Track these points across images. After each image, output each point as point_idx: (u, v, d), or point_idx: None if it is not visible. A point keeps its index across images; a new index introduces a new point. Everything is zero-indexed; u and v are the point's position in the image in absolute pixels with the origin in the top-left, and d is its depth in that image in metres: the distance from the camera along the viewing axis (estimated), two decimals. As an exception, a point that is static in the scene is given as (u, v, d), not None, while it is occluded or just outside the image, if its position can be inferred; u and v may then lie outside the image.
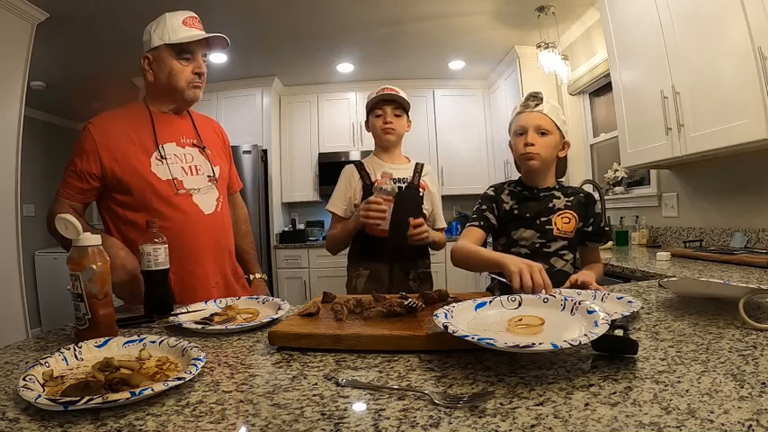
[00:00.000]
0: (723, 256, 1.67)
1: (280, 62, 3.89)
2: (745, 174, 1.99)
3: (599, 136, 3.33)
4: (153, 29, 1.24)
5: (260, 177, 4.00)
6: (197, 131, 1.36)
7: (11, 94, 2.49)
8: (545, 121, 1.32)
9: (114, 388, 0.54)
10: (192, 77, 1.26)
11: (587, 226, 1.38)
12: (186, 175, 1.26)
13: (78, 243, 0.80)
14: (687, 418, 0.44)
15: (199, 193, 1.28)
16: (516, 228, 1.36)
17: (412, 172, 1.73)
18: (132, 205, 1.21)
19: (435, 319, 0.69)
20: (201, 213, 1.27)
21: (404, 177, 1.70)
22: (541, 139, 1.32)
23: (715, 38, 1.69)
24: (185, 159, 1.28)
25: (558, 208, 1.36)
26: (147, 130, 1.24)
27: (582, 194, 1.41)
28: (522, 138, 1.33)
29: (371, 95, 1.73)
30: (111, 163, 1.18)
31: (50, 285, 4.09)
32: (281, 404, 0.52)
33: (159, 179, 1.21)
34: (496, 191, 1.43)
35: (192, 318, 0.93)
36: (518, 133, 1.35)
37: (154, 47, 1.23)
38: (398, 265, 1.65)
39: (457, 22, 3.25)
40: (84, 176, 1.18)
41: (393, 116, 1.69)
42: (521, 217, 1.36)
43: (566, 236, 1.34)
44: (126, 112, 1.28)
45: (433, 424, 0.46)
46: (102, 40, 3.14)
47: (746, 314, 0.74)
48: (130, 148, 1.21)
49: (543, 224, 1.34)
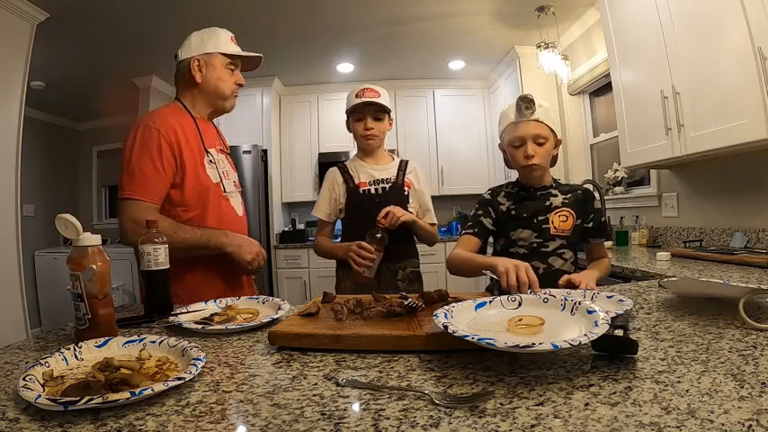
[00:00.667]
0: (723, 256, 1.67)
1: (280, 62, 3.89)
2: (745, 174, 1.99)
3: (599, 136, 3.33)
4: (206, 36, 1.32)
5: (260, 177, 4.00)
6: (221, 137, 1.44)
7: (11, 94, 2.49)
8: (542, 129, 1.31)
9: (114, 388, 0.54)
10: (234, 87, 1.36)
11: (587, 222, 1.37)
12: (223, 179, 1.34)
13: (78, 243, 0.80)
14: (687, 418, 0.44)
15: (232, 197, 1.37)
16: (514, 228, 1.36)
17: (396, 171, 1.70)
18: (187, 204, 1.24)
19: (435, 319, 0.69)
20: (237, 215, 1.37)
21: (388, 177, 1.68)
22: (540, 149, 1.32)
23: (715, 38, 1.69)
24: (221, 164, 1.35)
25: (556, 206, 1.35)
26: (195, 133, 1.29)
27: (580, 191, 1.40)
28: (520, 150, 1.32)
29: (351, 97, 1.70)
30: (180, 162, 1.22)
31: (50, 285, 4.09)
32: (281, 404, 0.52)
33: (211, 181, 1.29)
34: (493, 194, 1.43)
35: (192, 318, 0.93)
36: (515, 145, 1.34)
37: (207, 52, 1.30)
38: (387, 266, 1.61)
39: (457, 22, 3.25)
40: (167, 175, 1.20)
41: (374, 120, 1.66)
42: (518, 217, 1.36)
43: (563, 234, 1.34)
44: (174, 114, 1.30)
45: (433, 424, 0.46)
46: (102, 40, 3.14)
47: (746, 314, 0.74)
48: (188, 148, 1.25)
49: (540, 223, 1.34)
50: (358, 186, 1.67)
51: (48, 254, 4.22)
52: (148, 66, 3.74)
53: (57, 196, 4.62)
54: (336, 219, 1.74)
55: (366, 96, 1.64)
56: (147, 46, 3.31)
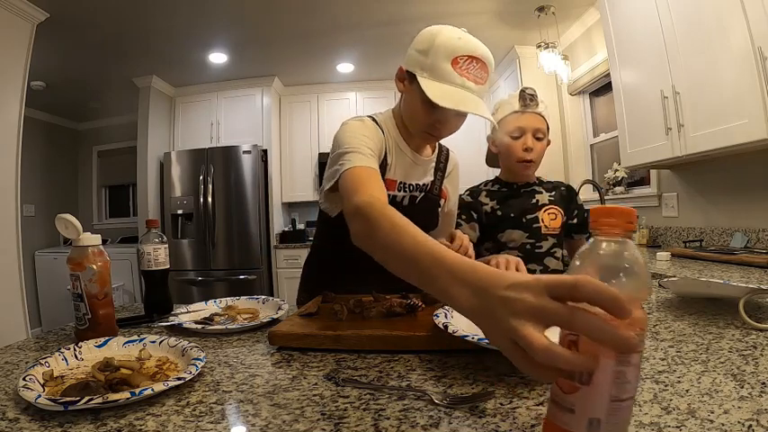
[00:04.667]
0: (723, 256, 1.67)
1: (280, 62, 3.89)
2: (745, 174, 1.99)
3: (599, 136, 3.33)
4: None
5: (260, 177, 4.01)
6: None
7: (11, 94, 2.49)
8: (542, 124, 1.27)
9: (114, 388, 0.54)
10: None
11: (571, 219, 1.34)
12: None
13: (78, 243, 0.80)
14: (687, 418, 0.44)
15: None
16: (502, 230, 1.28)
17: (433, 170, 1.15)
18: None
19: (435, 319, 0.69)
20: None
21: (424, 183, 1.12)
22: (538, 144, 1.27)
23: (715, 38, 1.69)
24: None
25: (543, 204, 1.30)
26: None
27: (563, 188, 1.36)
28: (519, 141, 1.26)
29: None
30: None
31: (50, 285, 4.09)
32: (281, 404, 0.52)
33: None
34: (472, 194, 1.35)
35: (192, 318, 0.93)
36: (514, 136, 1.26)
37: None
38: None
39: (457, 22, 3.19)
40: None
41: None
42: (505, 217, 1.28)
43: (554, 233, 1.29)
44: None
45: (433, 424, 0.46)
46: (102, 40, 3.14)
47: (746, 314, 0.74)
48: None
49: (530, 222, 1.27)
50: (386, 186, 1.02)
51: (48, 254, 4.22)
52: (148, 66, 3.74)
53: (57, 196, 4.63)
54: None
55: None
56: (146, 46, 3.31)
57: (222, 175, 3.94)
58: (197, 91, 4.28)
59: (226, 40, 3.41)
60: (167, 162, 4.00)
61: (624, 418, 0.37)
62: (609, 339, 0.34)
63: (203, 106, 4.30)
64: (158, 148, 4.10)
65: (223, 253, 3.94)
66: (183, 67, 3.83)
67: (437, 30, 0.96)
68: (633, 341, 0.34)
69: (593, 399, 0.36)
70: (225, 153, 3.97)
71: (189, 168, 3.97)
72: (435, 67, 0.92)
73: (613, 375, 0.36)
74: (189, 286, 3.95)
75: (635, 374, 0.37)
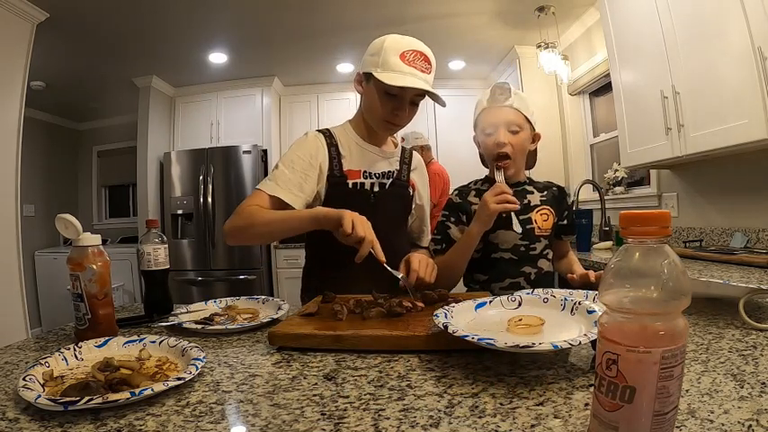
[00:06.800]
0: (723, 256, 1.67)
1: (280, 62, 3.89)
2: (745, 174, 1.99)
3: (599, 136, 3.33)
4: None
5: (260, 177, 3.99)
6: None
7: (11, 94, 2.49)
8: (516, 117, 1.21)
9: (114, 388, 0.54)
10: None
11: (562, 219, 1.32)
12: None
13: (78, 243, 0.80)
14: (687, 418, 0.44)
15: None
16: (493, 231, 1.21)
17: (399, 161, 1.28)
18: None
19: (435, 319, 0.69)
20: None
21: (389, 170, 1.24)
22: (514, 138, 1.21)
23: (715, 38, 1.69)
24: None
25: (535, 204, 1.27)
26: None
27: (555, 188, 1.34)
28: (492, 137, 1.21)
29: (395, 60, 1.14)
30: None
31: (50, 285, 4.09)
32: (281, 404, 0.52)
33: None
34: (461, 194, 1.31)
35: (191, 318, 0.93)
36: (487, 133, 1.23)
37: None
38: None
39: (457, 22, 3.25)
40: None
41: (411, 105, 1.18)
42: (497, 218, 1.20)
43: (546, 234, 1.27)
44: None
45: (432, 424, 0.46)
46: (102, 40, 3.14)
47: (746, 314, 0.74)
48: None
49: (523, 223, 1.23)
50: (346, 176, 1.18)
51: (48, 254, 4.22)
52: (148, 66, 3.74)
53: (57, 196, 4.62)
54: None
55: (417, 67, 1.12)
56: (146, 46, 3.31)
57: (222, 175, 3.94)
58: (197, 91, 4.28)
59: (226, 40, 3.41)
60: (167, 162, 4.00)
61: (668, 429, 0.37)
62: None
63: (203, 106, 4.30)
64: (158, 148, 4.10)
65: (223, 253, 3.94)
66: (183, 67, 3.83)
67: (384, 37, 1.14)
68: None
69: (637, 417, 0.36)
70: (225, 153, 3.97)
71: (189, 168, 3.97)
72: (386, 62, 1.10)
73: (656, 391, 0.35)
74: (189, 286, 3.95)
75: (677, 386, 0.36)
